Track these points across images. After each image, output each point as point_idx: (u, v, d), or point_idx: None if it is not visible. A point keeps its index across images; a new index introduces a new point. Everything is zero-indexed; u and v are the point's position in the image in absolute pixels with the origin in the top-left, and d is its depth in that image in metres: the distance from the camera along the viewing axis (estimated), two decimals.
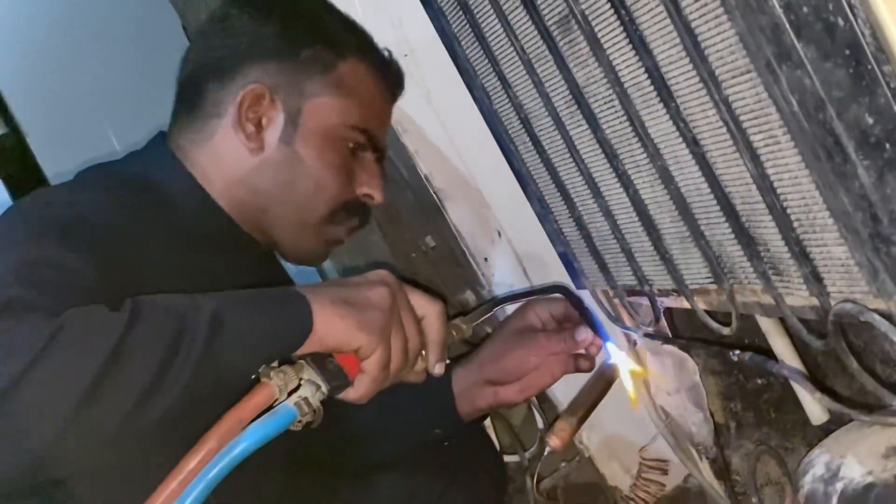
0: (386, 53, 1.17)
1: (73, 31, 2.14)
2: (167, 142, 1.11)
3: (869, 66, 0.55)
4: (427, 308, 0.93)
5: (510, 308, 1.27)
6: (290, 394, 0.81)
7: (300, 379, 0.82)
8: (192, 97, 1.11)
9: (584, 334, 1.11)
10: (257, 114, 1.07)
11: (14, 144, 2.13)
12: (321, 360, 0.83)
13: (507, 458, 1.49)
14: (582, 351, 1.14)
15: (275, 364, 0.82)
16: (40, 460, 0.71)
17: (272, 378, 0.80)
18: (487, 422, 1.46)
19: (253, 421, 0.78)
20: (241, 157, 1.07)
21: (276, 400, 0.80)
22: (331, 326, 0.83)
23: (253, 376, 0.81)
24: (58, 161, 2.06)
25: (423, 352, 0.94)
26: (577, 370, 1.16)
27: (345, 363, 0.85)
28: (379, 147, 1.13)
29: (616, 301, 1.01)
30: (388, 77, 1.16)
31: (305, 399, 0.80)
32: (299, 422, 0.81)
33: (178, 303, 0.78)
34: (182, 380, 0.74)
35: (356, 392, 0.87)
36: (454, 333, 1.00)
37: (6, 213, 0.95)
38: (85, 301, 0.77)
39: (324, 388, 0.82)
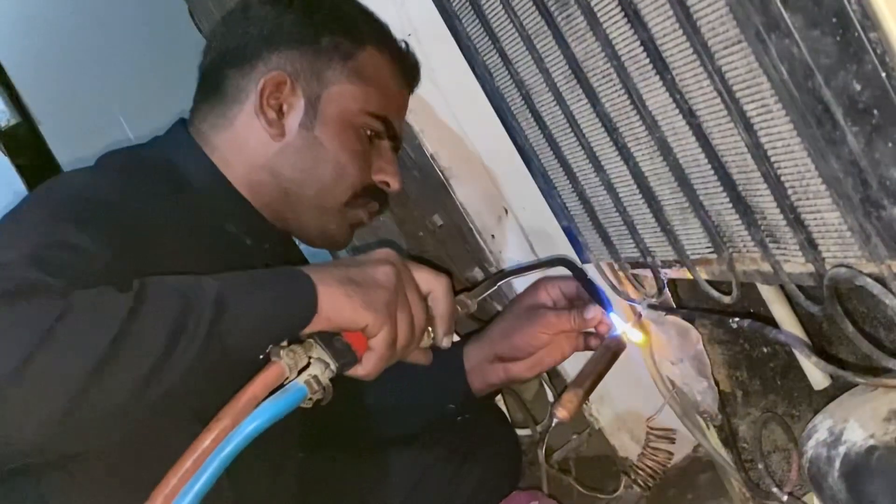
0: (403, 45, 1.20)
1: (83, 20, 2.16)
2: (188, 128, 1.13)
3: (856, 34, 0.56)
4: (432, 283, 0.95)
5: (518, 284, 1.28)
6: (300, 372, 0.82)
7: (309, 357, 0.83)
8: (213, 84, 1.13)
9: (594, 312, 1.12)
10: (278, 100, 1.09)
11: (27, 133, 2.15)
12: (329, 339, 0.85)
13: (519, 433, 1.50)
14: (591, 329, 1.15)
15: (284, 343, 0.83)
16: (50, 436, 0.73)
17: (282, 357, 0.81)
18: (499, 397, 1.48)
19: (265, 399, 0.80)
20: (262, 142, 1.10)
21: (287, 378, 0.81)
22: (337, 305, 0.85)
23: (262, 356, 0.82)
24: (71, 149, 2.08)
25: (430, 328, 0.96)
26: (587, 348, 1.17)
27: (353, 341, 0.86)
28: (395, 136, 1.16)
29: (620, 273, 1.02)
30: (405, 68, 1.19)
31: (315, 377, 0.82)
32: (309, 399, 0.83)
33: (183, 283, 0.80)
34: (187, 359, 0.76)
35: (364, 369, 0.88)
36: (459, 309, 1.02)
37: (28, 197, 0.97)
38: (100, 283, 0.78)
39: (332, 366, 0.84)
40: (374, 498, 1.25)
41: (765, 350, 1.06)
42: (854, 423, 0.83)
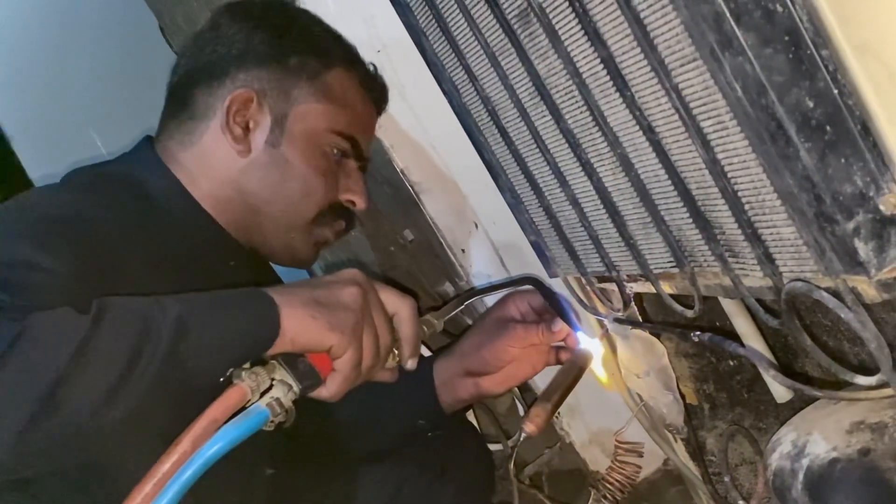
0: (371, 68, 1.20)
1: (54, 36, 2.15)
2: (154, 145, 1.13)
3: (808, 51, 0.57)
4: (398, 305, 0.95)
5: (488, 299, 1.29)
6: (262, 394, 0.82)
7: (272, 379, 0.83)
8: (181, 101, 1.13)
9: (562, 325, 1.12)
10: (245, 117, 1.10)
11: None
12: (293, 360, 0.85)
13: (491, 447, 1.50)
14: (561, 343, 1.16)
15: (247, 365, 0.83)
16: (4, 460, 0.72)
17: (244, 379, 0.81)
18: (471, 412, 1.48)
19: (226, 422, 0.79)
20: (228, 158, 1.10)
21: (249, 401, 0.81)
22: (301, 327, 0.84)
23: (223, 378, 0.82)
24: (43, 165, 2.07)
25: (396, 349, 0.96)
26: (558, 362, 1.17)
27: (317, 362, 0.86)
28: (362, 156, 1.16)
29: (587, 287, 1.03)
30: (373, 89, 1.20)
31: (277, 400, 0.82)
32: (272, 422, 0.82)
33: (143, 304, 0.79)
34: (146, 381, 0.75)
35: (328, 391, 0.88)
36: (425, 329, 1.02)
37: None
38: (62, 303, 0.77)
39: (295, 388, 0.83)
40: None
41: (731, 363, 1.07)
42: (817, 436, 0.83)
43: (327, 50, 1.15)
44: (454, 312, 1.05)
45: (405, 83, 1.27)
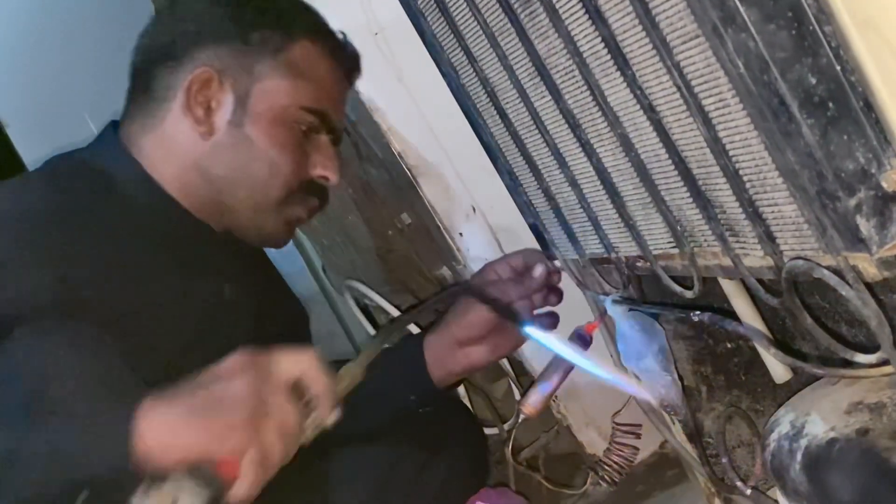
0: (340, 36, 1.16)
1: (49, 20, 2.14)
2: (119, 130, 1.11)
3: (810, 27, 0.57)
4: (297, 366, 0.84)
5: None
6: None
7: (174, 498, 0.75)
8: (143, 84, 1.10)
9: (540, 269, 1.11)
10: (206, 97, 1.06)
11: None
12: (195, 469, 0.76)
13: (487, 431, 1.51)
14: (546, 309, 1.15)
15: (144, 488, 0.75)
16: None
17: None
18: (463, 391, 1.48)
19: None
20: (191, 141, 1.07)
21: None
22: (176, 441, 0.76)
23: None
24: (38, 150, 2.06)
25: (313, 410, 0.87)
26: (547, 304, 1.16)
27: (223, 465, 0.78)
28: (333, 129, 1.13)
29: (585, 269, 1.03)
30: (342, 59, 1.15)
31: None
32: None
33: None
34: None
35: (240, 493, 0.79)
36: (345, 385, 0.90)
37: None
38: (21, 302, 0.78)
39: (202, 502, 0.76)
40: (339, 497, 1.24)
41: (729, 345, 1.07)
42: (815, 417, 0.84)
43: (290, 22, 1.11)
44: (376, 354, 0.91)
45: (402, 66, 1.27)
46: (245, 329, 1.12)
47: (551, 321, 1.16)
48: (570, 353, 1.02)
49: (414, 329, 1.40)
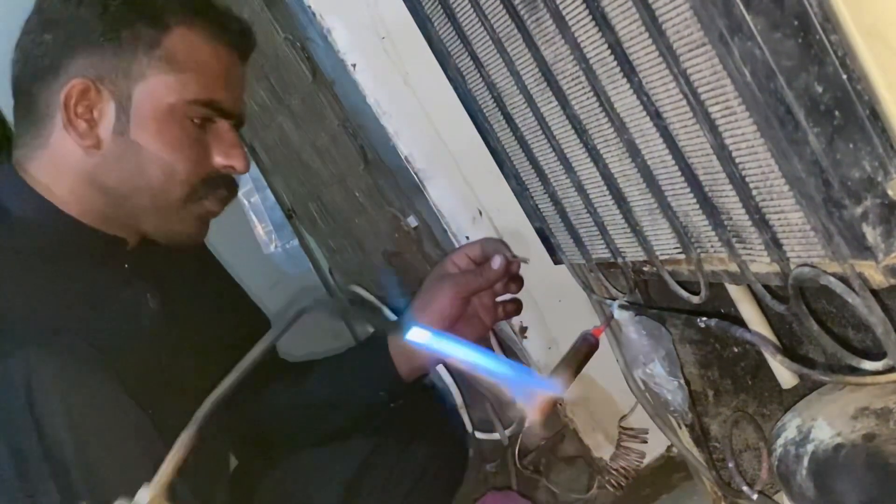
0: (224, 12, 1.10)
1: None
2: (12, 156, 1.07)
3: (817, 36, 0.57)
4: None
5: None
6: None
7: None
8: (24, 103, 1.06)
9: (498, 262, 1.10)
10: (88, 108, 1.02)
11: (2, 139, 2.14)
12: None
13: (490, 437, 1.51)
14: (506, 296, 1.15)
15: None
16: None
17: None
18: (460, 402, 1.48)
19: None
20: (80, 158, 1.03)
21: None
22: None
23: None
24: None
25: None
26: (507, 315, 1.17)
27: None
28: (230, 114, 1.08)
29: (592, 274, 1.03)
30: (228, 39, 1.09)
31: None
32: None
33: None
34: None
35: None
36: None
37: None
38: None
39: None
40: (314, 496, 1.22)
41: (735, 350, 1.07)
42: (822, 422, 0.84)
43: (160, 12, 1.04)
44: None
45: (409, 70, 1.27)
46: (175, 335, 1.09)
47: (515, 308, 1.15)
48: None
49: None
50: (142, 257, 1.10)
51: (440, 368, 1.50)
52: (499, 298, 1.15)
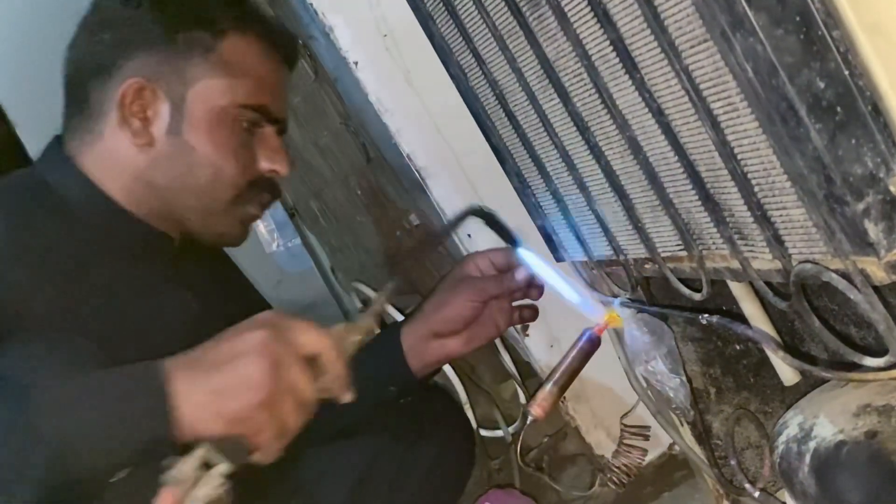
0: (274, 22, 1.13)
1: (61, 19, 2.14)
2: (62, 145, 1.08)
3: (819, 32, 0.57)
4: (317, 345, 0.85)
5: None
6: (195, 484, 0.77)
7: (203, 464, 0.78)
8: (78, 99, 1.08)
9: (521, 273, 1.10)
10: (142, 108, 1.04)
11: (4, 136, 2.14)
12: (220, 440, 0.79)
13: (494, 434, 1.51)
14: (525, 301, 1.14)
15: (171, 462, 0.77)
16: None
17: (173, 483, 0.76)
18: (465, 397, 1.48)
19: None
20: (132, 155, 1.05)
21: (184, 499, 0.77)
22: (204, 426, 0.78)
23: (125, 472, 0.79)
24: (43, 144, 2.07)
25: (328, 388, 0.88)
26: (523, 320, 1.16)
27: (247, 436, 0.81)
28: (276, 120, 1.10)
29: (594, 271, 1.03)
30: (278, 48, 1.12)
31: (210, 498, 0.77)
32: None
33: (34, 398, 0.76)
34: (35, 477, 0.73)
35: (263, 456, 0.82)
36: (358, 338, 0.91)
37: None
38: None
39: (226, 470, 0.79)
40: (323, 487, 1.23)
41: (738, 347, 1.07)
42: (824, 419, 0.84)
43: (216, 18, 1.07)
44: (384, 306, 0.95)
45: (411, 68, 1.27)
46: (209, 335, 1.10)
47: (531, 314, 1.16)
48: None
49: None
50: (182, 256, 1.12)
51: (445, 367, 1.51)
52: (516, 303, 1.15)
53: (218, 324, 1.06)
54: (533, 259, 1.06)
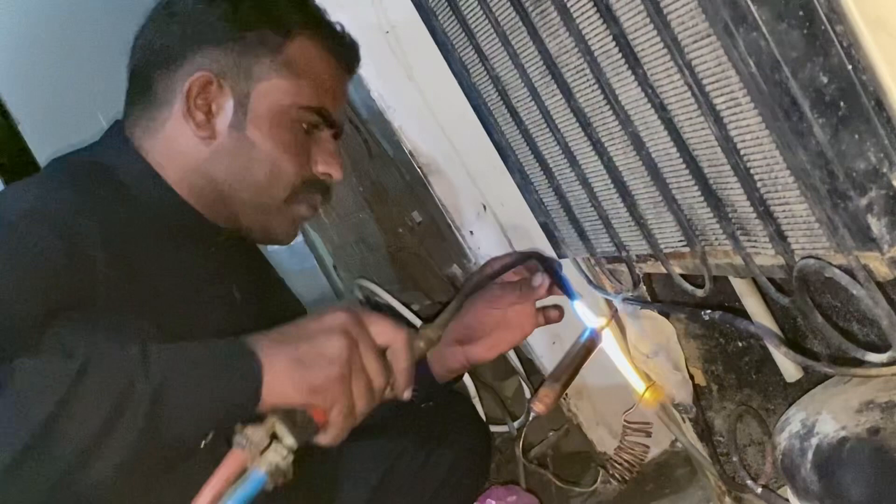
0: (338, 28, 1.16)
1: (62, 18, 2.15)
2: (123, 131, 1.10)
3: (822, 27, 0.57)
4: (390, 337, 0.90)
5: None
6: (263, 451, 0.80)
7: (271, 437, 0.81)
8: (142, 86, 1.10)
9: (540, 280, 1.11)
10: (206, 101, 1.06)
11: (6, 133, 2.14)
12: (290, 413, 0.83)
13: (496, 429, 1.51)
14: (547, 302, 1.15)
15: (243, 426, 0.81)
16: None
17: (243, 447, 0.79)
18: (474, 392, 1.48)
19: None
20: (193, 146, 1.07)
21: (249, 464, 0.79)
22: (284, 393, 0.82)
23: (206, 440, 0.81)
24: (50, 148, 2.06)
25: (391, 381, 0.92)
26: (548, 321, 1.16)
27: (313, 412, 0.84)
28: (334, 124, 1.12)
29: (596, 268, 1.03)
30: (341, 53, 1.14)
31: (276, 466, 0.80)
32: (271, 483, 0.80)
33: (126, 361, 0.78)
34: (127, 441, 0.75)
35: (326, 438, 0.86)
36: (422, 345, 0.97)
37: None
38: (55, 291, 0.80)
39: (293, 445, 0.81)
40: (344, 490, 1.24)
41: (740, 344, 1.07)
42: (826, 415, 0.84)
43: (286, 19, 1.09)
44: (452, 317, 0.99)
45: (413, 64, 1.27)
46: (250, 329, 1.13)
47: (557, 314, 1.16)
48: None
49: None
50: (229, 249, 1.13)
51: None
52: (539, 304, 1.15)
53: (255, 317, 1.08)
54: (588, 315, 1.07)
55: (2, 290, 0.83)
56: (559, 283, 1.09)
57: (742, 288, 0.89)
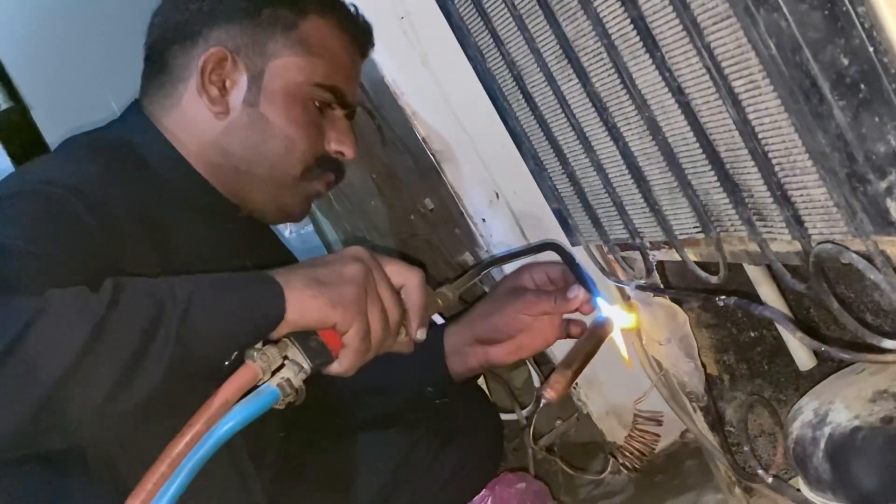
0: (352, 9, 1.17)
1: (76, 4, 2.15)
2: (141, 107, 1.12)
3: (843, 8, 0.56)
4: (405, 276, 0.93)
5: (508, 268, 1.28)
6: (274, 372, 0.82)
7: (284, 358, 0.83)
8: (158, 62, 1.12)
9: (576, 292, 1.11)
10: (220, 77, 1.08)
11: (19, 118, 2.14)
12: (304, 338, 0.85)
13: (505, 418, 1.50)
14: (574, 316, 1.15)
15: (259, 345, 0.83)
16: (21, 433, 0.73)
17: (256, 360, 0.81)
18: (483, 382, 1.47)
19: (238, 402, 0.80)
20: (208, 121, 1.09)
21: (261, 380, 0.81)
22: (304, 307, 0.84)
23: (235, 356, 0.82)
24: (62, 133, 2.07)
25: (404, 322, 0.94)
26: (568, 336, 1.17)
27: (328, 339, 0.86)
28: (348, 104, 1.14)
29: (609, 255, 1.02)
30: (355, 34, 1.16)
31: (288, 380, 0.82)
32: (282, 401, 0.82)
33: (154, 287, 0.79)
34: (160, 364, 0.76)
35: (340, 366, 0.88)
36: (439, 302, 1.00)
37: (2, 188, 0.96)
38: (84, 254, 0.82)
39: (306, 367, 0.83)
40: (356, 480, 1.25)
41: (752, 334, 1.07)
42: (839, 405, 0.83)
43: None
44: (470, 283, 1.02)
45: (428, 49, 1.27)
46: None
47: (580, 331, 1.17)
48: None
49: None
50: (244, 226, 1.15)
51: None
52: (566, 316, 1.16)
53: None
54: (608, 309, 1.08)
55: (47, 249, 0.84)
56: (582, 279, 1.09)
57: (757, 275, 0.88)
